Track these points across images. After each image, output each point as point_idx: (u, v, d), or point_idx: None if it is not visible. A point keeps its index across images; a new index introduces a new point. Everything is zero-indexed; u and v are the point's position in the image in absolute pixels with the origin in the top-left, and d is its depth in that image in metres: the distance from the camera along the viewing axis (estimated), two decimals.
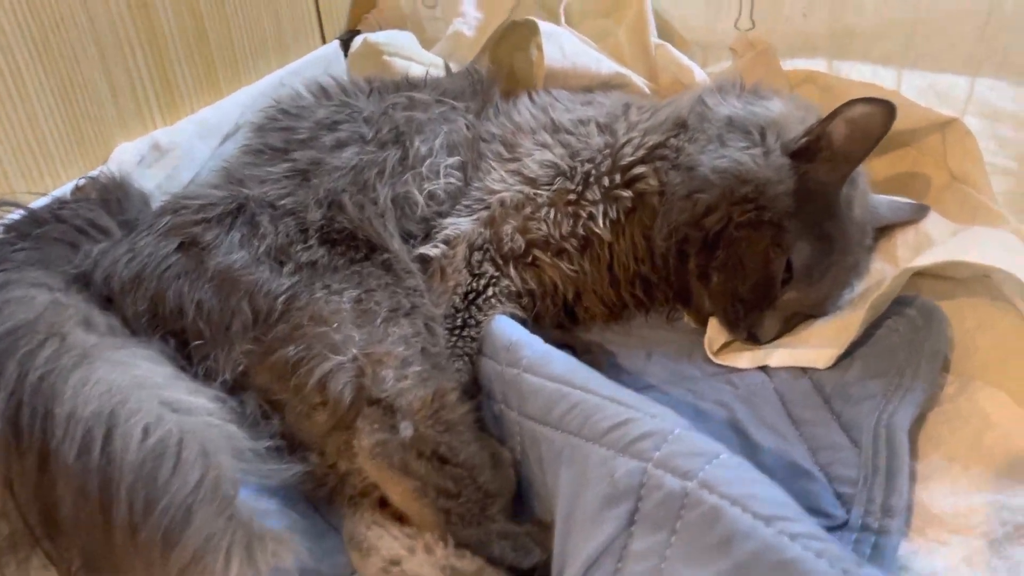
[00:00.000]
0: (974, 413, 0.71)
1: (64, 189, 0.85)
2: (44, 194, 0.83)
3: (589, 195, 0.83)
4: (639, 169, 0.83)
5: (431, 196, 0.86)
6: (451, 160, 0.88)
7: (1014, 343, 0.74)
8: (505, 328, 0.76)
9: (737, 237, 0.79)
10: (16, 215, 0.76)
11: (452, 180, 0.87)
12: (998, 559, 0.59)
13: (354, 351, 0.69)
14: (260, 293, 0.71)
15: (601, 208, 0.83)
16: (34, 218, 0.76)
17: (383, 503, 0.68)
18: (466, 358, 0.77)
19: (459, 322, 0.79)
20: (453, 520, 0.64)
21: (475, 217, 0.85)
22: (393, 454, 0.65)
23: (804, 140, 0.80)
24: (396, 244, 0.81)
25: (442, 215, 0.86)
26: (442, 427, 0.67)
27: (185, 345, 0.71)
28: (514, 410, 0.70)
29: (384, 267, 0.77)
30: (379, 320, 0.72)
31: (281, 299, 0.71)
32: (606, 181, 0.83)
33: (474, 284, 0.81)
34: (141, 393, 0.62)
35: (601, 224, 0.83)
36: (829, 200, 0.79)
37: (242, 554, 0.60)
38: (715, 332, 0.83)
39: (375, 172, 0.83)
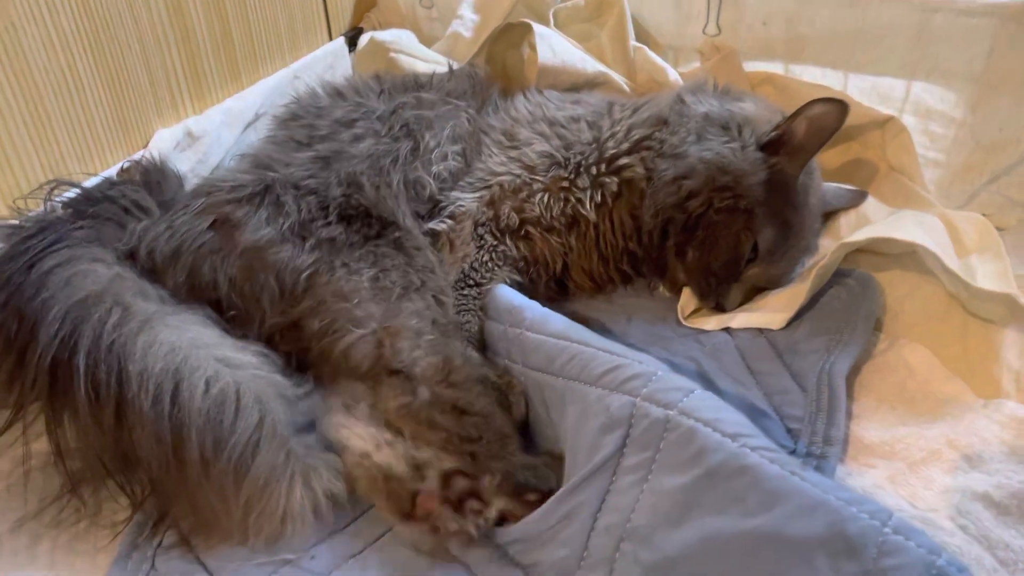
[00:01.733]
0: (900, 364, 0.83)
1: (111, 170, 0.93)
2: (94, 174, 0.90)
3: (579, 182, 0.93)
4: (624, 160, 0.93)
5: (437, 177, 0.95)
6: (455, 147, 0.97)
7: (934, 307, 0.87)
8: (507, 294, 0.87)
9: (715, 220, 0.89)
10: (72, 193, 0.82)
11: (455, 162, 0.97)
12: (915, 478, 0.71)
13: (374, 325, 0.77)
14: (286, 270, 0.79)
15: (588, 193, 0.93)
16: (88, 197, 0.82)
17: None
18: (473, 311, 0.88)
19: (469, 282, 0.90)
20: (480, 459, 0.71)
21: (478, 195, 0.95)
22: (419, 412, 0.74)
23: (773, 134, 0.90)
24: (408, 221, 0.90)
25: (446, 191, 0.96)
26: (454, 386, 0.76)
27: (223, 313, 0.79)
28: (518, 363, 0.81)
29: (396, 245, 0.85)
30: (394, 296, 0.80)
31: (304, 275, 0.79)
32: (594, 170, 0.93)
33: (479, 253, 0.92)
34: (199, 352, 0.70)
35: (588, 206, 0.93)
36: (791, 190, 0.90)
37: (301, 482, 0.69)
38: (686, 300, 0.94)
39: (390, 160, 0.92)
